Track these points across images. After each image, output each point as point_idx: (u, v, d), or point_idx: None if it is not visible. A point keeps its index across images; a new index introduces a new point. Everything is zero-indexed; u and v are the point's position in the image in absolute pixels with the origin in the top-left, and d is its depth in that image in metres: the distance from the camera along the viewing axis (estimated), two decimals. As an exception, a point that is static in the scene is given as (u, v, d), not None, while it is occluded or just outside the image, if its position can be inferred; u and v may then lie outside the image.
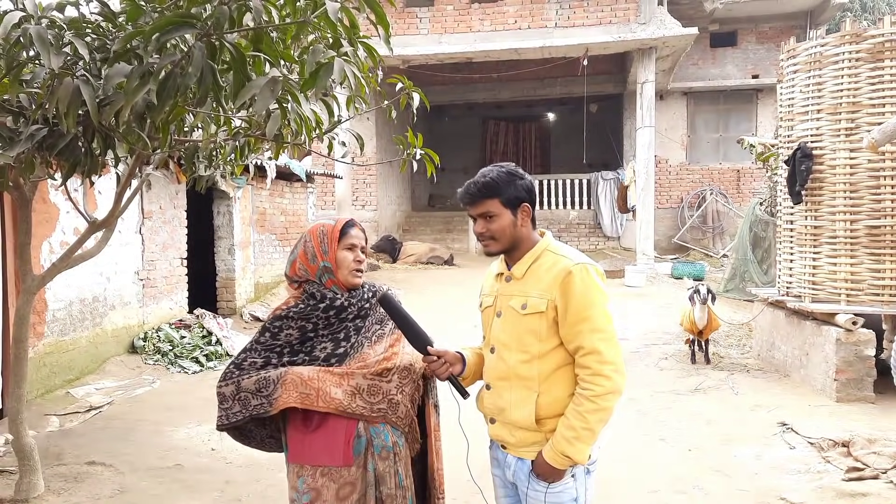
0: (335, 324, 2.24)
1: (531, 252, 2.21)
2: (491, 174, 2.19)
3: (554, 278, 2.11)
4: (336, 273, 2.25)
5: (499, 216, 2.17)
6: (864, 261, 6.03)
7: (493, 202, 2.16)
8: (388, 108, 3.64)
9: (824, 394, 6.01)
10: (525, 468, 2.16)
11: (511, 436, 2.18)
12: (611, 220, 17.18)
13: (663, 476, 4.45)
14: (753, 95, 17.58)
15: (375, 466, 2.18)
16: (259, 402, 2.15)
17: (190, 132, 3.75)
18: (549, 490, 2.12)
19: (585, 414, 2.04)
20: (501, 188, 2.17)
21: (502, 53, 14.11)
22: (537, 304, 2.11)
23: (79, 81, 2.34)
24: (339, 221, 2.31)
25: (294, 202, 11.97)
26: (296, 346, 2.23)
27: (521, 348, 2.14)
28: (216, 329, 8.35)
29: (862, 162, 6.00)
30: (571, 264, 2.12)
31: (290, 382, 2.13)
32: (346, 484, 2.16)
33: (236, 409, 2.19)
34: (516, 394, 2.15)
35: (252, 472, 4.58)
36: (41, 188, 6.04)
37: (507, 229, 2.17)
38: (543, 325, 2.11)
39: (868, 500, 3.93)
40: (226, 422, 2.22)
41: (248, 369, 2.21)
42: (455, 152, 19.93)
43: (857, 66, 6.00)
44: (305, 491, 2.16)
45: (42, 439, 5.04)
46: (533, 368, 2.13)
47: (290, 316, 2.24)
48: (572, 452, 2.05)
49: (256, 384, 2.16)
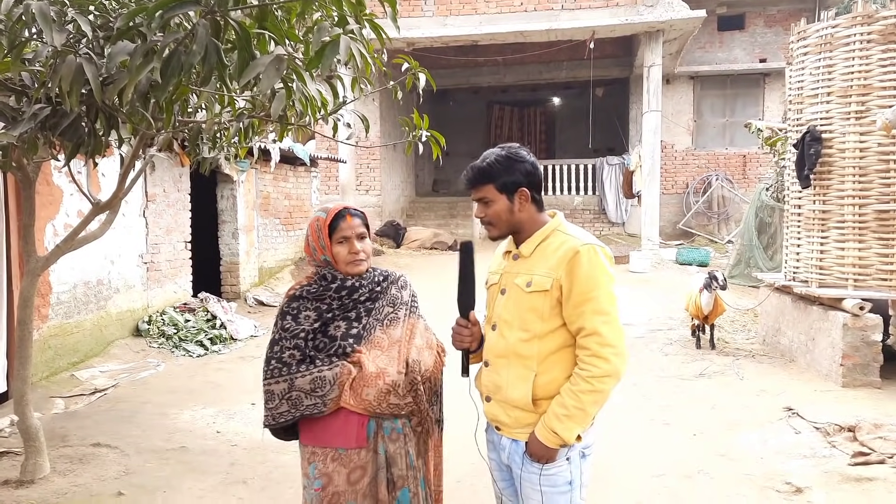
0: (348, 304, 2.27)
1: (540, 231, 2.19)
2: (489, 158, 2.18)
3: (561, 258, 2.09)
4: (336, 266, 2.28)
5: (494, 201, 2.16)
6: (873, 245, 5.99)
7: (489, 188, 2.16)
8: (393, 90, 3.60)
9: (830, 379, 5.99)
10: (519, 450, 2.14)
11: (506, 415, 2.16)
12: (616, 205, 17.10)
13: (668, 460, 4.44)
14: (761, 80, 17.43)
15: (386, 448, 2.20)
16: (313, 402, 2.15)
17: (194, 113, 3.72)
18: (544, 472, 2.11)
19: (580, 394, 2.03)
20: (496, 174, 2.16)
21: (508, 36, 13.99)
22: (542, 283, 2.10)
23: (82, 59, 2.31)
24: (330, 213, 2.28)
25: (298, 186, 11.94)
26: (317, 329, 2.23)
27: (522, 326, 2.13)
28: (220, 313, 8.35)
29: (872, 145, 5.94)
30: (579, 244, 2.10)
31: (350, 385, 2.17)
32: (356, 468, 2.18)
33: (283, 409, 2.16)
34: (514, 372, 2.13)
35: (257, 454, 4.59)
36: (45, 170, 6.02)
37: (502, 214, 2.17)
38: (547, 304, 2.10)
39: (874, 484, 3.92)
40: (272, 422, 2.19)
41: (291, 362, 2.19)
42: (460, 137, 19.83)
43: (869, 48, 5.92)
44: (317, 476, 2.18)
45: (47, 421, 5.06)
46: (532, 347, 2.11)
47: (305, 296, 2.26)
48: (561, 430, 2.03)
49: (312, 384, 2.15)
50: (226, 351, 7.70)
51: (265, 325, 8.80)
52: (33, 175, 3.98)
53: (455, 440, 2.36)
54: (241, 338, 8.13)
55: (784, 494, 3.92)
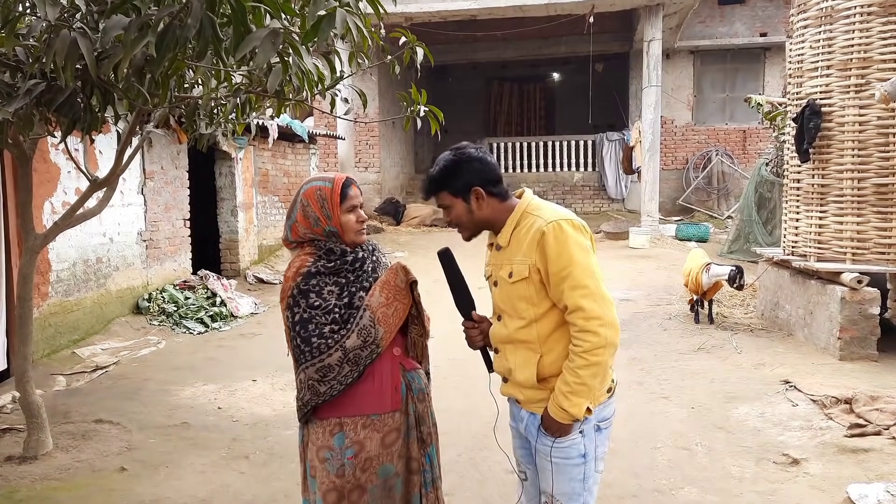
0: (361, 276, 2.27)
1: (510, 219, 2.21)
2: (438, 165, 2.21)
3: (530, 241, 2.11)
4: (342, 236, 2.24)
5: (453, 206, 2.20)
6: (871, 219, 5.98)
7: (444, 194, 2.20)
8: (391, 64, 3.58)
9: (828, 352, 6.02)
10: (535, 422, 2.20)
11: (521, 393, 2.23)
12: (615, 181, 17.06)
13: (666, 433, 4.48)
14: (761, 54, 17.30)
15: (416, 408, 2.27)
16: (369, 351, 2.18)
17: (190, 88, 3.70)
18: (556, 444, 2.16)
19: (576, 370, 2.06)
20: (446, 180, 2.19)
21: (506, 10, 13.85)
22: (521, 270, 2.13)
23: (76, 34, 2.29)
24: (337, 182, 2.25)
25: (296, 163, 11.90)
26: (345, 303, 2.21)
27: (517, 315, 2.17)
28: (220, 290, 8.37)
29: (871, 119, 5.91)
30: (544, 224, 2.10)
31: (384, 316, 2.21)
32: (391, 431, 2.22)
33: (347, 371, 2.16)
34: (520, 356, 2.18)
35: (259, 429, 4.62)
36: (41, 148, 6.00)
37: (462, 217, 2.20)
38: (532, 289, 2.13)
39: (870, 455, 3.96)
40: (340, 388, 2.17)
41: (332, 335, 2.17)
42: (459, 113, 19.70)
43: (869, 21, 5.87)
44: (348, 446, 2.18)
45: (49, 398, 5.10)
46: (532, 332, 2.15)
47: (322, 272, 2.20)
48: (569, 406, 2.07)
49: (360, 336, 2.17)
50: (226, 328, 7.72)
51: (265, 302, 8.82)
52: (30, 152, 3.96)
53: (453, 415, 2.39)
54: (241, 315, 8.15)
55: (781, 466, 3.96)
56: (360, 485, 2.19)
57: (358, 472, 2.18)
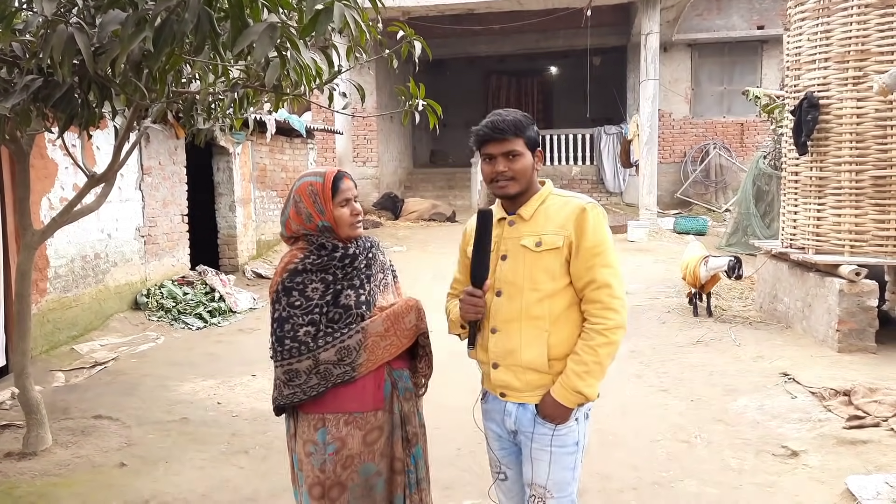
0: (351, 273, 2.24)
1: (539, 195, 2.22)
2: (513, 114, 2.18)
3: (568, 216, 2.14)
4: (337, 231, 2.22)
5: (522, 156, 2.16)
6: (869, 212, 5.99)
7: (519, 141, 2.16)
8: (389, 58, 3.57)
9: (826, 344, 6.03)
10: (528, 413, 2.16)
11: (517, 379, 2.16)
12: (613, 175, 17.05)
13: (666, 426, 4.49)
14: (759, 47, 17.27)
15: (401, 408, 2.25)
16: (342, 370, 2.15)
17: (188, 83, 3.69)
18: (556, 433, 2.13)
19: (597, 348, 2.06)
20: (525, 128, 2.17)
21: (504, 4, 13.84)
22: (553, 241, 2.12)
23: (73, 29, 2.28)
24: (328, 177, 2.23)
25: (294, 158, 11.89)
26: (329, 301, 2.19)
27: (533, 287, 2.13)
28: (219, 285, 8.37)
29: (869, 111, 5.91)
30: (584, 202, 2.17)
31: (373, 345, 2.18)
32: (373, 429, 2.21)
33: (313, 383, 2.15)
34: (527, 334, 2.13)
35: (258, 424, 4.63)
36: (39, 144, 5.98)
37: (528, 170, 2.17)
38: (557, 262, 2.12)
39: (868, 447, 3.97)
40: (303, 396, 2.17)
41: (307, 339, 2.16)
42: (457, 107, 19.66)
43: (867, 13, 5.87)
44: (330, 442, 2.17)
45: (48, 394, 5.09)
46: (544, 307, 2.13)
47: (308, 269, 2.19)
48: (583, 387, 2.06)
49: (338, 354, 2.14)
50: (225, 323, 7.72)
51: (264, 297, 8.82)
52: (27, 148, 3.95)
53: (453, 410, 2.39)
54: (239, 310, 8.15)
55: (780, 458, 3.97)
56: (340, 482, 2.17)
57: (339, 469, 2.17)
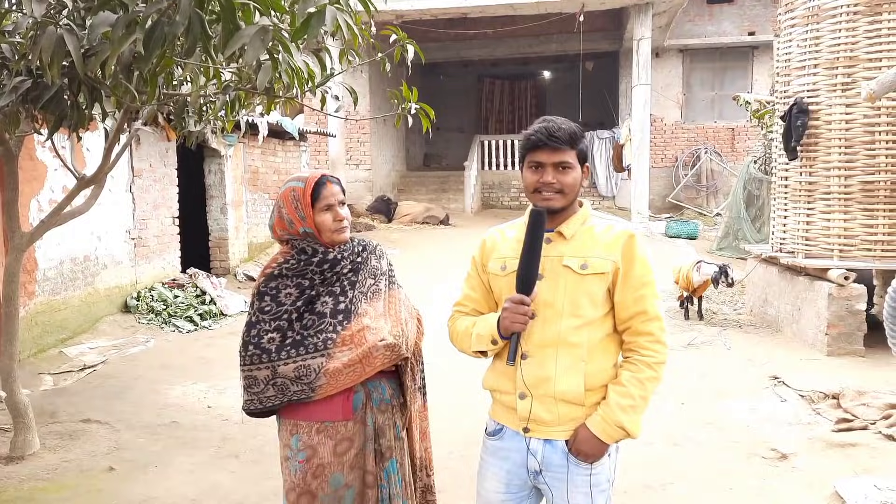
0: (331, 278, 2.20)
1: (580, 213, 2.06)
2: (568, 122, 2.02)
3: (614, 240, 2.00)
4: (319, 237, 2.20)
5: (573, 169, 1.99)
6: (858, 216, 6.03)
7: (573, 153, 1.99)
8: (382, 62, 3.57)
9: (815, 348, 6.07)
10: (557, 451, 1.97)
11: (548, 412, 1.97)
12: (606, 179, 17.11)
13: (657, 429, 4.49)
14: (749, 53, 17.37)
15: (375, 420, 2.18)
16: (300, 388, 2.11)
17: (179, 85, 3.68)
18: (593, 472, 1.97)
19: (645, 381, 1.96)
20: (580, 140, 2.01)
21: (497, 8, 13.85)
22: (601, 265, 1.97)
23: (63, 31, 2.27)
24: (309, 182, 2.19)
25: (287, 161, 11.86)
26: (301, 308, 2.17)
27: (574, 312, 1.97)
28: (210, 288, 8.33)
29: (857, 117, 5.96)
30: (631, 228, 2.06)
31: (335, 371, 2.11)
32: (343, 439, 2.15)
33: (270, 394, 2.13)
34: (564, 361, 1.96)
35: (249, 428, 4.61)
36: (28, 145, 5.95)
37: (577, 185, 2.00)
38: (601, 289, 1.98)
39: (857, 450, 3.99)
40: (259, 406, 2.16)
41: (270, 347, 2.13)
42: (450, 111, 19.70)
43: (855, 20, 5.92)
44: (301, 448, 2.15)
45: (36, 398, 5.06)
46: (583, 335, 1.97)
47: (284, 274, 2.18)
48: (627, 422, 1.93)
49: (296, 372, 2.10)
50: (216, 326, 7.69)
51: (255, 300, 8.79)
52: (16, 150, 3.93)
53: (445, 411, 2.37)
54: (231, 313, 8.12)
55: (770, 461, 3.99)
56: (310, 490, 2.15)
57: (309, 478, 2.14)
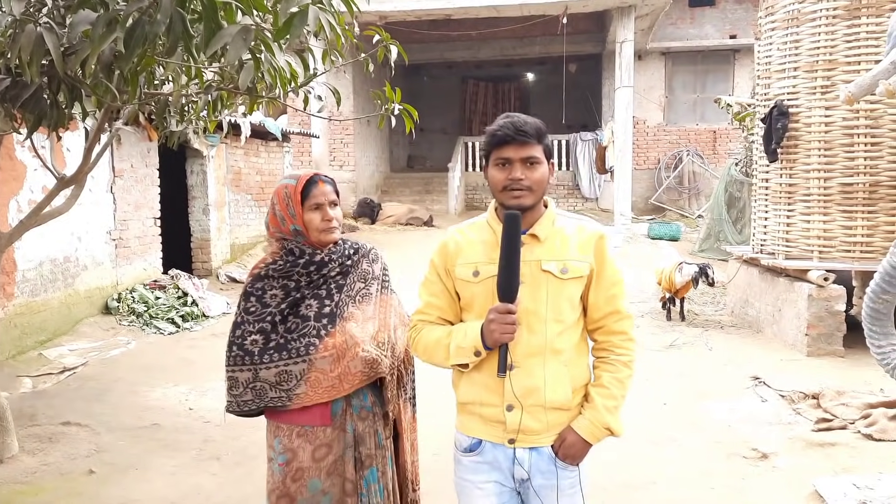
0: (317, 280, 2.20)
1: (548, 214, 2.00)
2: (532, 118, 1.97)
3: (585, 242, 1.97)
4: (307, 235, 2.19)
5: (541, 164, 1.93)
6: (837, 218, 6.10)
7: (539, 147, 1.93)
8: (365, 62, 3.56)
9: (796, 348, 6.13)
10: (544, 456, 1.93)
11: (538, 421, 1.91)
12: (589, 181, 17.19)
13: (638, 429, 4.51)
14: (731, 56, 17.53)
15: (355, 427, 2.17)
16: (277, 394, 2.11)
17: (160, 85, 3.65)
18: (581, 473, 1.98)
19: (625, 380, 1.97)
20: (545, 135, 1.97)
21: (481, 10, 13.88)
22: (579, 269, 1.94)
23: (42, 29, 2.24)
24: (301, 180, 2.19)
25: (270, 161, 11.81)
26: (286, 310, 2.16)
27: (557, 318, 1.92)
28: (192, 290, 8.27)
29: (837, 120, 6.04)
30: (599, 229, 2.04)
31: (315, 381, 2.10)
32: (321, 445, 2.15)
33: (248, 398, 2.13)
34: (551, 370, 1.91)
35: (231, 430, 4.57)
36: (7, 144, 5.88)
37: (545, 181, 1.94)
38: (578, 291, 1.95)
39: (836, 449, 4.04)
40: (236, 409, 2.18)
41: (254, 350, 2.13)
42: (434, 112, 19.70)
43: (834, 24, 5.99)
44: (281, 451, 2.15)
45: (15, 400, 4.99)
46: (565, 340, 1.94)
47: (270, 275, 2.18)
48: (612, 422, 1.93)
49: (277, 377, 2.10)
50: (198, 328, 7.64)
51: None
52: (-5, 149, 3.89)
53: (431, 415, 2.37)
54: (213, 315, 8.07)
55: (750, 460, 4.02)
56: (289, 493, 2.15)
57: (289, 481, 2.14)
